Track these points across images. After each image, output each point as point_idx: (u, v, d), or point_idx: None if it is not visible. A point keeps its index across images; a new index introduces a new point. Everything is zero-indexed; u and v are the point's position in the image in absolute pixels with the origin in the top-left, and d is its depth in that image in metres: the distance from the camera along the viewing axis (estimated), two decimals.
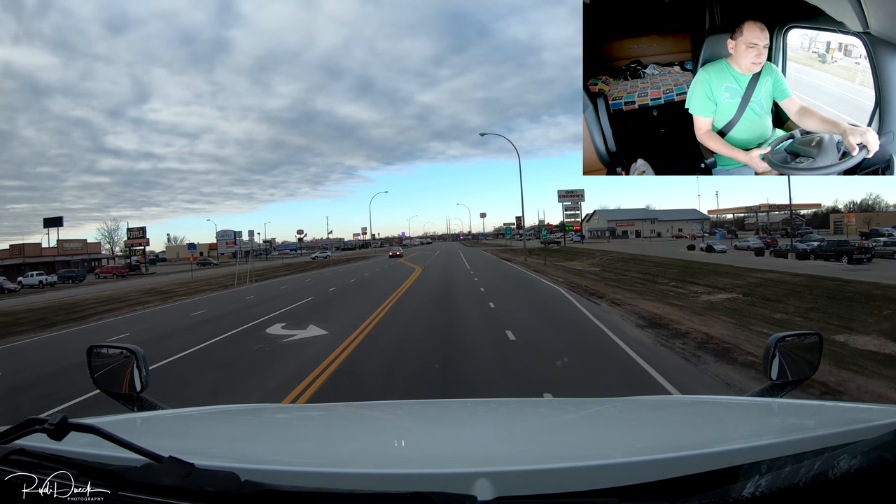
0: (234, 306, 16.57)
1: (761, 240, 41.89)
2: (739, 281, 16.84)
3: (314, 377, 6.52)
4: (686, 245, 44.61)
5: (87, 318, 16.26)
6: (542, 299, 14.15)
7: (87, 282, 44.68)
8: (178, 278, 37.37)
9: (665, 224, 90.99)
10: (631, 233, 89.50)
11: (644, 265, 26.12)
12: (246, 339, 10.02)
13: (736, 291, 14.91)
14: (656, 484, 0.75)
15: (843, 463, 0.69)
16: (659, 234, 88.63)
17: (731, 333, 8.36)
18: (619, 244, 58.82)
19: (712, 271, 20.49)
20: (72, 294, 28.72)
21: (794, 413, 1.26)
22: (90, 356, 1.49)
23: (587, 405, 1.60)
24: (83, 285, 40.26)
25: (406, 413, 1.56)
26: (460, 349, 7.94)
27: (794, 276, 16.84)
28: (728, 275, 18.77)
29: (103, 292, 27.40)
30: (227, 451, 1.07)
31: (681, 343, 7.89)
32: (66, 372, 7.58)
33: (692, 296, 14.78)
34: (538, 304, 13.19)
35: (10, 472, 0.76)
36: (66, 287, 39.05)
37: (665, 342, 8.03)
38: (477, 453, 1.05)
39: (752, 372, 5.92)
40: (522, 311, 11.88)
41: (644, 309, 11.30)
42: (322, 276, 31.29)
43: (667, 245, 51.06)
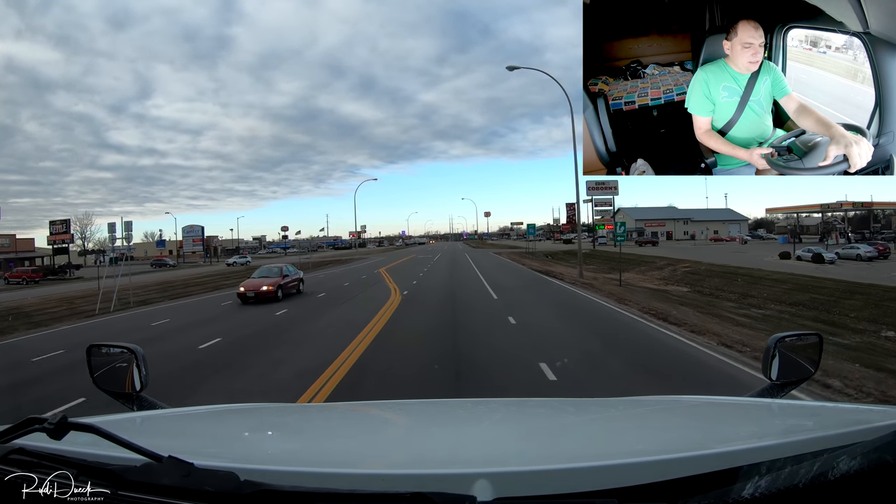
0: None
1: (872, 246, 32.38)
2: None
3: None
4: (778, 253, 34.12)
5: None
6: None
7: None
8: (67, 289, 27.33)
9: (699, 225, 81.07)
10: (661, 234, 77.72)
11: (765, 287, 18.38)
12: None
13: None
14: (656, 485, 0.75)
15: (842, 464, 0.69)
16: (692, 236, 77.65)
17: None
18: (664, 249, 47.88)
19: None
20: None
21: (794, 414, 1.26)
22: (90, 355, 1.49)
23: (587, 406, 1.60)
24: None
25: (406, 413, 1.56)
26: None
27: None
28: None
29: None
30: (226, 451, 1.07)
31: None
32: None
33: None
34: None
35: (10, 472, 0.76)
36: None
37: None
38: (477, 454, 1.05)
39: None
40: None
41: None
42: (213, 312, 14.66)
43: (728, 252, 39.28)
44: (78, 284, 33.15)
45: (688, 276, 23.20)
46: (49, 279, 42.21)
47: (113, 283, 18.16)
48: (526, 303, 13.27)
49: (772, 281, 19.55)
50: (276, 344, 8.85)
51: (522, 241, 69.67)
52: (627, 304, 12.45)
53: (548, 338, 8.45)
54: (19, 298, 23.17)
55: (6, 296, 25.24)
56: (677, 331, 8.98)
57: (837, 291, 16.15)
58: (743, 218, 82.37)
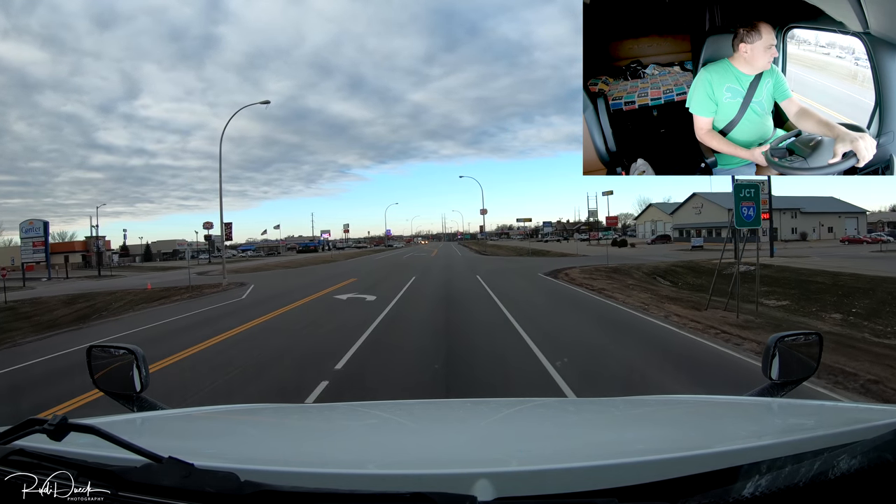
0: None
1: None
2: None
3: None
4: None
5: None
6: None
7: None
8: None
9: (810, 219, 57.69)
10: (711, 234, 55.55)
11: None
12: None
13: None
14: (656, 484, 0.75)
15: (842, 463, 0.69)
16: (803, 235, 55.75)
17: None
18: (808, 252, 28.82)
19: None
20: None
21: (794, 413, 1.26)
22: (90, 356, 1.49)
23: (587, 405, 1.60)
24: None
25: (406, 413, 1.56)
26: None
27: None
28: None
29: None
30: (226, 452, 1.07)
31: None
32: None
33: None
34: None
35: (10, 473, 0.76)
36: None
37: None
38: (477, 453, 1.05)
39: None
40: None
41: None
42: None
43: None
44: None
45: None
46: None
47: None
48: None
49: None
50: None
51: (526, 241, 60.55)
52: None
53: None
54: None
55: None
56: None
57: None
58: (859, 210, 61.04)
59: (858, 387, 5.48)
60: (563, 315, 10.63)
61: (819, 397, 4.79)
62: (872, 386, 5.43)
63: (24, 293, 24.55)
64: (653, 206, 77.53)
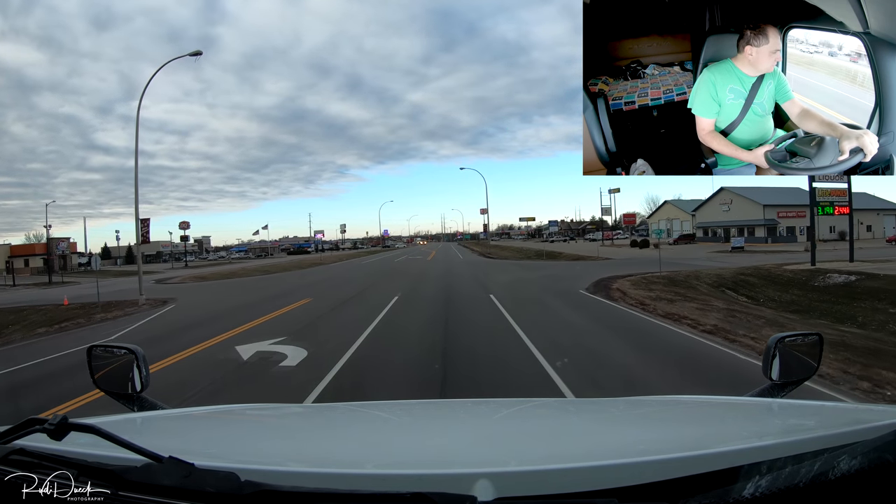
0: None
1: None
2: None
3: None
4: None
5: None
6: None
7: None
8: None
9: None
10: (743, 233, 49.69)
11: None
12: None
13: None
14: (657, 484, 0.75)
15: (843, 463, 0.69)
16: (842, 234, 41.48)
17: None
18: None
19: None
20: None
21: (795, 413, 1.26)
22: (90, 356, 1.49)
23: (588, 406, 1.60)
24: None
25: (406, 413, 1.56)
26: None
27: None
28: None
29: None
30: (227, 452, 1.07)
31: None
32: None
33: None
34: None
35: (10, 472, 0.76)
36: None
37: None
38: (477, 454, 1.05)
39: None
40: None
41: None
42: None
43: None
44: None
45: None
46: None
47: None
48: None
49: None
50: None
51: (530, 242, 57.12)
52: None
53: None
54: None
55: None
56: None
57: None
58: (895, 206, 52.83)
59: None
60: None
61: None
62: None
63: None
64: (668, 203, 70.85)
